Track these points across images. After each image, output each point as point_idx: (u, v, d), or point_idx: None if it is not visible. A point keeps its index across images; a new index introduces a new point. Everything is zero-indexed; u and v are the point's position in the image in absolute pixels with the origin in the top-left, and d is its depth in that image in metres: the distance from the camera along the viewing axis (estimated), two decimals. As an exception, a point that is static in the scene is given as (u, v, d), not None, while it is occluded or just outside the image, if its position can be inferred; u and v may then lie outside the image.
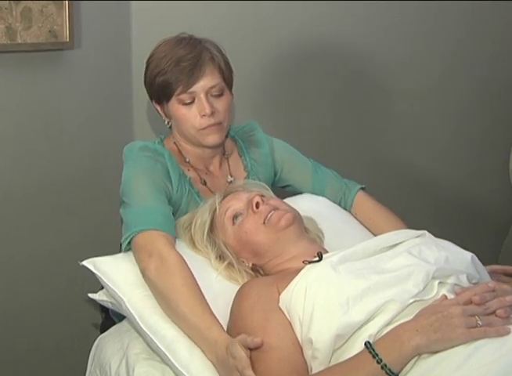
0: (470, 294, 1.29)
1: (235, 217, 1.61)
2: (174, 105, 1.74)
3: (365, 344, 1.24)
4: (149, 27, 2.24)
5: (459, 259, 1.47)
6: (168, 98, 1.74)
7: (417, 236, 1.55)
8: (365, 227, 1.90)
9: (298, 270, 1.43)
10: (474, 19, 2.83)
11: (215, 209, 1.66)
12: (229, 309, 1.49)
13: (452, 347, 1.21)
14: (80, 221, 2.26)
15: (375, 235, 1.82)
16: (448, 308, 1.25)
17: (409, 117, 2.82)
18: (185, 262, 1.56)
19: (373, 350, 1.22)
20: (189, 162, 1.83)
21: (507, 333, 1.21)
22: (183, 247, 1.66)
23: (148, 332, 1.51)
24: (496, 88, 2.96)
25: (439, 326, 1.21)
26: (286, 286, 1.40)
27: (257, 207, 1.58)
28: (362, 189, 1.97)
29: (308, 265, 1.43)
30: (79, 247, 2.21)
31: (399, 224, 1.84)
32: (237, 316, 1.44)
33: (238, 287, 1.54)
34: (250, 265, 1.61)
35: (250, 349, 1.31)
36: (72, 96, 2.18)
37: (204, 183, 1.82)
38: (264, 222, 1.56)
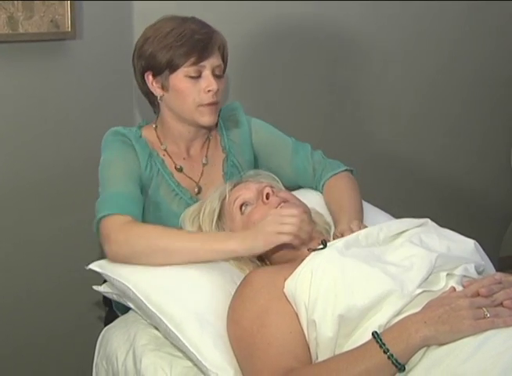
0: (477, 287, 1.29)
1: (243, 206, 1.61)
2: (178, 77, 1.73)
3: (372, 334, 1.24)
4: (150, 17, 2.21)
5: (462, 247, 1.48)
6: (174, 70, 1.73)
7: (420, 225, 1.55)
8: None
9: (304, 258, 1.43)
10: (475, 12, 2.83)
11: (225, 197, 1.66)
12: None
13: (461, 338, 1.21)
14: (82, 212, 2.24)
15: None
16: (455, 300, 1.25)
17: (410, 109, 2.82)
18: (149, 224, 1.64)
19: (381, 340, 1.22)
20: (165, 149, 1.83)
21: None
22: None
23: (157, 313, 1.51)
24: (497, 80, 2.96)
25: (447, 318, 1.22)
26: (292, 273, 1.40)
27: (267, 198, 1.59)
28: (347, 170, 1.92)
29: (313, 253, 1.43)
30: (82, 237, 2.21)
31: (352, 218, 1.73)
32: (238, 301, 1.44)
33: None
34: (256, 255, 1.61)
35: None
36: (73, 86, 2.18)
37: (180, 170, 1.83)
38: None
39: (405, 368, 1.21)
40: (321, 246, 1.46)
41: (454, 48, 2.83)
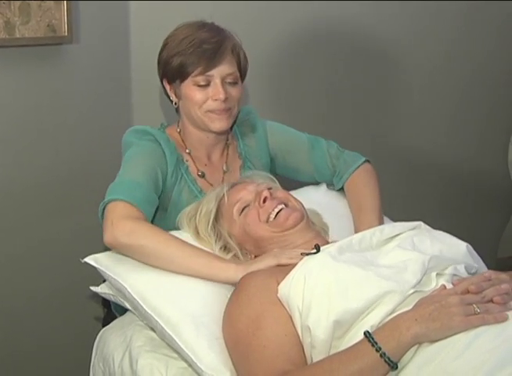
0: (467, 284, 1.30)
1: (244, 209, 1.61)
2: (188, 85, 1.75)
3: (364, 333, 1.25)
4: (147, 21, 2.24)
5: (454, 251, 1.49)
6: (184, 78, 1.74)
7: (413, 229, 1.55)
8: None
9: (296, 262, 1.44)
10: (473, 11, 2.84)
11: (222, 198, 1.66)
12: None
13: (452, 335, 1.21)
14: (80, 215, 2.26)
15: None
16: (446, 297, 1.26)
17: (410, 99, 2.83)
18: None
19: (372, 339, 1.23)
20: (189, 153, 1.83)
21: (505, 319, 1.22)
22: (187, 239, 1.66)
23: (153, 314, 1.52)
24: (497, 70, 2.96)
25: (438, 315, 1.22)
26: (285, 276, 1.41)
27: (264, 201, 1.59)
28: (366, 161, 1.93)
29: (306, 257, 1.44)
30: (80, 241, 2.22)
31: (372, 220, 1.79)
32: (234, 305, 1.45)
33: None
34: (253, 257, 1.61)
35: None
36: (71, 91, 2.18)
37: (202, 175, 1.83)
38: (267, 221, 1.58)
39: (397, 366, 1.22)
40: (314, 250, 1.47)
41: (453, 44, 2.83)
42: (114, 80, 2.26)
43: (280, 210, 1.59)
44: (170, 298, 1.54)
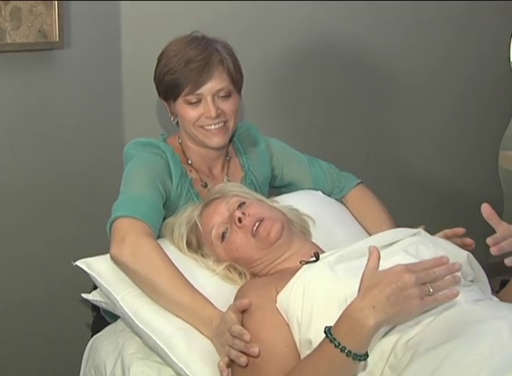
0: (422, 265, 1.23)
1: (223, 234, 1.57)
2: (180, 104, 1.75)
3: (325, 332, 1.22)
4: (138, 27, 2.24)
5: (455, 258, 1.47)
6: (175, 97, 1.74)
7: (413, 235, 1.55)
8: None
9: (295, 270, 1.43)
10: (467, 16, 2.86)
11: (193, 224, 1.63)
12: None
13: (410, 318, 1.24)
14: (72, 219, 2.25)
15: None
16: (401, 277, 1.19)
17: (402, 114, 2.84)
18: (162, 248, 1.57)
19: (335, 339, 1.20)
20: (191, 164, 1.83)
21: (456, 295, 1.19)
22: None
23: (145, 329, 1.50)
24: (487, 85, 2.98)
25: (395, 299, 1.17)
26: (284, 286, 1.40)
27: (239, 221, 1.54)
28: (359, 183, 1.98)
29: (305, 266, 1.43)
30: (71, 246, 2.21)
31: (386, 226, 1.83)
32: None
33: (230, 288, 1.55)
34: (247, 270, 1.59)
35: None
36: (62, 96, 2.18)
37: (205, 186, 1.82)
38: (253, 235, 1.53)
39: (367, 356, 1.20)
40: (313, 258, 1.46)
41: (444, 52, 2.84)
42: (105, 85, 2.25)
43: (258, 226, 1.53)
44: (163, 312, 1.52)
